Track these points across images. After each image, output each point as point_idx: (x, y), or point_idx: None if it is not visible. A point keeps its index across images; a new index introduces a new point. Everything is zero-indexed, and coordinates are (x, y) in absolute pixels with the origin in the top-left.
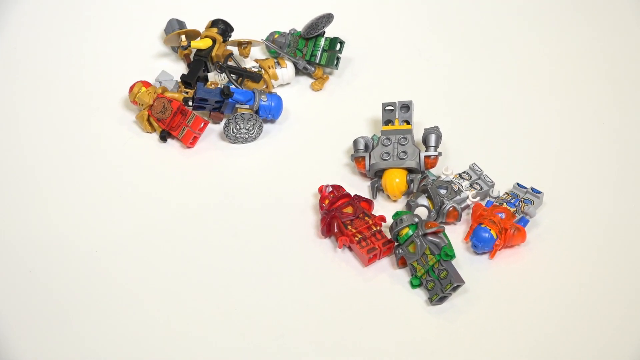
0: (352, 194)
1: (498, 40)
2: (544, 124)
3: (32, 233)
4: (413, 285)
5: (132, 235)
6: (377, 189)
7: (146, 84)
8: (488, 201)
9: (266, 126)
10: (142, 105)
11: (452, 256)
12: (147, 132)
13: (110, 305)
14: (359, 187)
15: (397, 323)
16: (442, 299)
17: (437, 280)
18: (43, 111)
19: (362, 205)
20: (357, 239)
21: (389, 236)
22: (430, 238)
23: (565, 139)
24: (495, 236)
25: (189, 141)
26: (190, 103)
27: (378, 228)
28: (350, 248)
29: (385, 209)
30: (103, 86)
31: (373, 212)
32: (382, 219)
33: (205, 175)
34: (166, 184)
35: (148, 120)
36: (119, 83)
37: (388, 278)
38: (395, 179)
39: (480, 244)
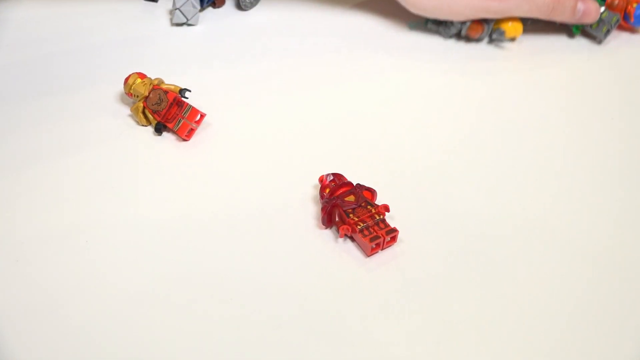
0: (354, 183)
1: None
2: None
3: (23, 225)
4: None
5: (125, 230)
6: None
7: (142, 75)
8: None
9: (263, 122)
10: (137, 97)
11: None
12: (142, 125)
13: (100, 300)
14: (361, 178)
15: (402, 315)
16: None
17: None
18: (36, 103)
19: (364, 194)
20: (359, 227)
21: (392, 225)
22: None
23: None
24: None
25: (185, 133)
26: (186, 95)
27: (381, 217)
28: (352, 238)
29: (387, 199)
30: (97, 80)
31: (376, 202)
32: (386, 208)
33: (202, 168)
34: (161, 177)
35: (143, 112)
36: (114, 77)
37: (392, 269)
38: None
39: None
